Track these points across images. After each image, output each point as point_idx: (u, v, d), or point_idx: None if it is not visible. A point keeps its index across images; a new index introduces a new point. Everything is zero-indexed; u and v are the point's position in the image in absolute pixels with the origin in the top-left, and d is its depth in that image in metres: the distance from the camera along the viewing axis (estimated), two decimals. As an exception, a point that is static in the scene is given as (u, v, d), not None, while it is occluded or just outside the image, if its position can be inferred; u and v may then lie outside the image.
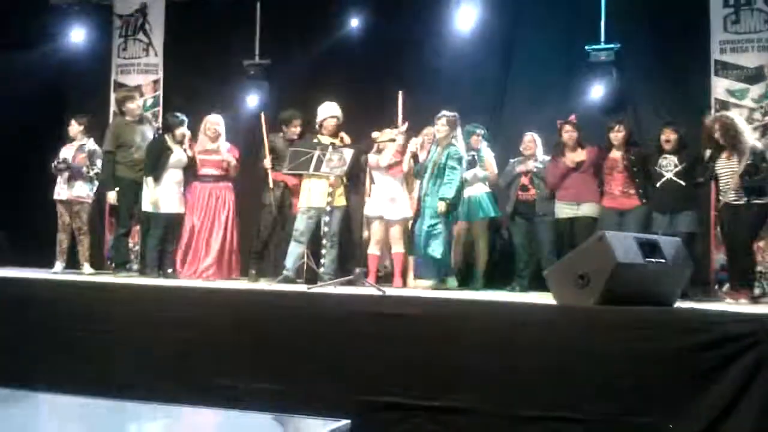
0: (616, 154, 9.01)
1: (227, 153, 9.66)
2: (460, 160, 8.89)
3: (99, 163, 9.90)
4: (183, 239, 9.63)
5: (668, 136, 8.77)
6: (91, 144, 9.99)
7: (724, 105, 9.69)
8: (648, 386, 5.22)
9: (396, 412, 5.70)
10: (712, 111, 9.72)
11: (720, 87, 9.82)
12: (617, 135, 9.01)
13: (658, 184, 8.73)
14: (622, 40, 9.94)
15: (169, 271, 9.39)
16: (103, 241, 11.71)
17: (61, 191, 9.89)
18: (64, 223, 9.99)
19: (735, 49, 9.80)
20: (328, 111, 9.42)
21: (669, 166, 8.70)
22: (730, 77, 9.80)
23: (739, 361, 5.11)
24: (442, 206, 8.76)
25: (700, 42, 9.88)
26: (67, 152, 9.97)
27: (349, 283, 7.91)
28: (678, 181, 8.65)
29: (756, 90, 9.68)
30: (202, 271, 9.47)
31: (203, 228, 9.61)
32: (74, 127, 10.05)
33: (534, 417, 5.38)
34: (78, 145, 9.97)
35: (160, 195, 9.35)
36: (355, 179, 9.49)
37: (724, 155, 8.47)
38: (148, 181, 9.32)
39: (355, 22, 11.04)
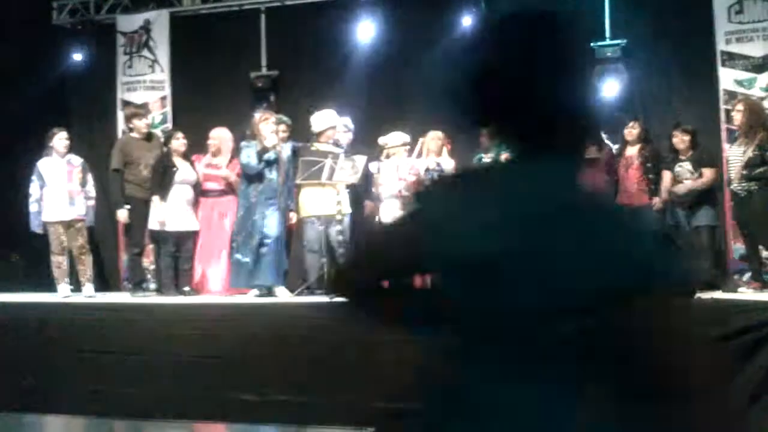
0: (631, 151, 9.02)
1: (227, 167, 9.67)
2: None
3: (90, 178, 9.71)
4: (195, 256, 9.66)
5: (681, 139, 8.78)
6: (76, 159, 9.68)
7: (732, 95, 9.67)
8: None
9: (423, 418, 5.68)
10: (720, 102, 9.73)
11: (727, 78, 9.78)
12: (631, 132, 9.02)
13: (676, 188, 8.73)
14: (627, 35, 9.92)
15: (186, 289, 9.30)
16: (117, 261, 11.68)
17: (61, 211, 9.42)
18: (62, 244, 9.48)
19: (740, 39, 9.76)
20: (328, 121, 9.31)
21: (685, 174, 8.69)
22: (737, 67, 9.76)
23: (763, 349, 5.10)
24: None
25: (706, 33, 9.85)
26: (55, 167, 9.53)
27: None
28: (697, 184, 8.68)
29: (764, 79, 9.62)
30: (208, 287, 9.55)
31: (206, 244, 9.66)
32: (62, 141, 9.57)
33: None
34: (66, 161, 9.58)
35: (167, 213, 9.23)
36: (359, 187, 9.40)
37: (737, 140, 8.49)
38: (155, 199, 9.23)
39: (360, 30, 11.02)
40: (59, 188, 9.45)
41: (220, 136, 9.74)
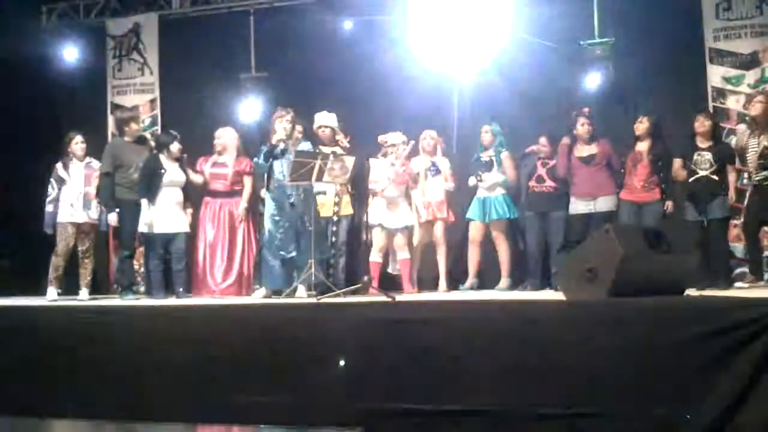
0: (641, 147, 9.02)
1: (237, 166, 9.69)
2: None
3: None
4: (198, 258, 9.63)
5: (702, 123, 8.81)
6: (96, 163, 9.67)
7: (720, 92, 9.73)
8: (662, 376, 5.21)
9: (413, 418, 5.68)
10: (709, 98, 9.76)
11: (716, 75, 9.84)
12: (639, 126, 9.04)
13: (691, 179, 8.74)
14: (615, 33, 9.93)
15: (180, 290, 9.31)
16: (108, 264, 11.66)
17: (75, 213, 9.47)
18: (68, 246, 9.51)
19: (728, 36, 9.81)
20: (319, 121, 9.50)
21: (704, 164, 8.69)
22: (725, 64, 9.81)
23: (751, 346, 5.10)
24: None
25: (694, 30, 9.89)
26: (74, 170, 9.59)
27: (358, 291, 7.93)
28: (713, 177, 8.65)
29: (752, 76, 9.69)
30: (220, 288, 9.48)
31: (217, 244, 9.61)
32: (79, 145, 9.65)
33: (552, 415, 5.35)
34: (85, 164, 9.66)
35: (155, 215, 9.22)
36: (359, 187, 9.39)
37: (753, 133, 8.55)
38: (143, 202, 9.22)
39: (349, 30, 10.99)
40: (77, 191, 9.54)
41: (224, 135, 9.78)
